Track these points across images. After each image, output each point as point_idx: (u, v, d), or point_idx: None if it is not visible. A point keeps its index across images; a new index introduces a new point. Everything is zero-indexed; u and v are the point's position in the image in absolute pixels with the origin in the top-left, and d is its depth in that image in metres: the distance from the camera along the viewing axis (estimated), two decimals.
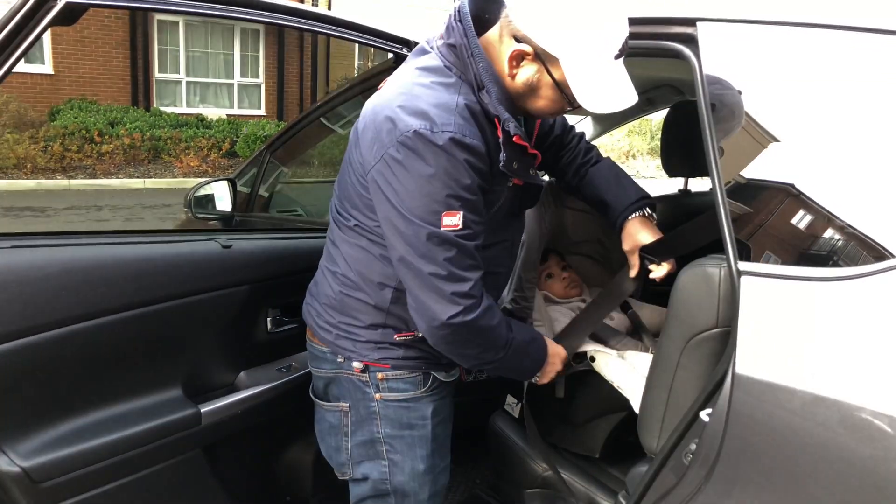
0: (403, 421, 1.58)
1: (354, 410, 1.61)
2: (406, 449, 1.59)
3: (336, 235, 1.58)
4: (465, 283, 1.35)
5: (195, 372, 1.85)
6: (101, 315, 1.59)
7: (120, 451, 1.64)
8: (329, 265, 1.61)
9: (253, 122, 13.37)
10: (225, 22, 13.70)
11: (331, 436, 1.68)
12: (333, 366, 1.61)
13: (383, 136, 1.33)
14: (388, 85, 1.45)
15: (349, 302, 1.55)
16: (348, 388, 1.61)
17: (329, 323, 1.59)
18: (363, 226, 1.49)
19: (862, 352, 1.03)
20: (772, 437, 1.10)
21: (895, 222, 1.08)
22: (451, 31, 1.40)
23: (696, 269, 1.33)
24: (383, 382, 1.56)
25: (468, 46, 1.37)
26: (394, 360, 1.55)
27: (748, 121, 1.28)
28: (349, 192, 1.50)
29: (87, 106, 11.97)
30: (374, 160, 1.36)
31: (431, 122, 1.30)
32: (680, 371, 1.37)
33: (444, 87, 1.37)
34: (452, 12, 1.41)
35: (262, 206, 3.15)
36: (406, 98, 1.34)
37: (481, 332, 1.41)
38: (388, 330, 1.54)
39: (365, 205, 1.46)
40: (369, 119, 1.39)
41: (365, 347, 1.55)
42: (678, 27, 1.43)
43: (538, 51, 1.33)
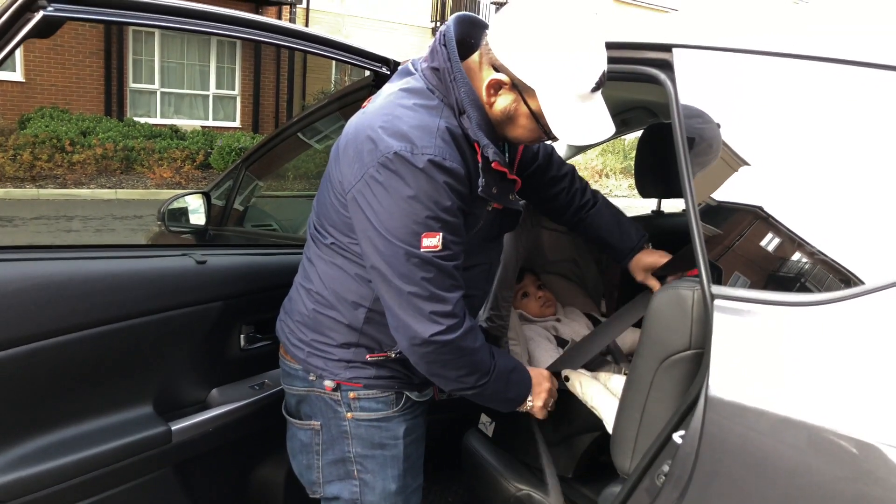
0: (375, 440, 1.57)
1: (326, 429, 1.60)
2: (377, 469, 1.58)
3: (312, 252, 1.58)
4: (445, 303, 1.36)
5: (166, 389, 1.82)
6: (72, 331, 1.57)
7: (88, 469, 1.61)
8: (304, 282, 1.60)
9: (228, 134, 13.29)
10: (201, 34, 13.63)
11: (302, 454, 1.67)
12: (305, 384, 1.60)
13: (364, 156, 1.34)
14: (371, 104, 1.45)
15: (322, 320, 1.54)
16: (320, 407, 1.60)
17: (301, 340, 1.58)
18: (339, 243, 1.48)
19: (831, 375, 1.05)
20: (743, 458, 1.11)
21: (863, 249, 1.11)
22: (435, 54, 1.41)
23: (670, 292, 1.35)
24: (355, 402, 1.55)
25: (451, 71, 1.38)
26: (366, 380, 1.54)
27: (723, 146, 1.30)
28: (327, 210, 1.50)
29: (58, 115, 11.81)
30: (355, 180, 1.36)
31: (412, 144, 1.30)
32: (653, 392, 1.38)
33: (426, 109, 1.38)
34: (438, 36, 1.42)
35: (237, 220, 3.14)
36: (387, 119, 1.34)
37: (463, 353, 1.41)
38: (361, 349, 1.53)
39: (343, 222, 1.45)
40: (351, 137, 1.39)
41: (337, 366, 1.54)
42: (654, 52, 1.46)
43: (515, 81, 1.34)
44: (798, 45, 1.25)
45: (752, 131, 1.28)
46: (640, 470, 1.32)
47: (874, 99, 1.14)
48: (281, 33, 1.83)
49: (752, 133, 1.28)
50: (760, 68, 1.28)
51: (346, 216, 1.43)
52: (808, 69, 1.22)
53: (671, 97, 1.37)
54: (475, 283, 1.59)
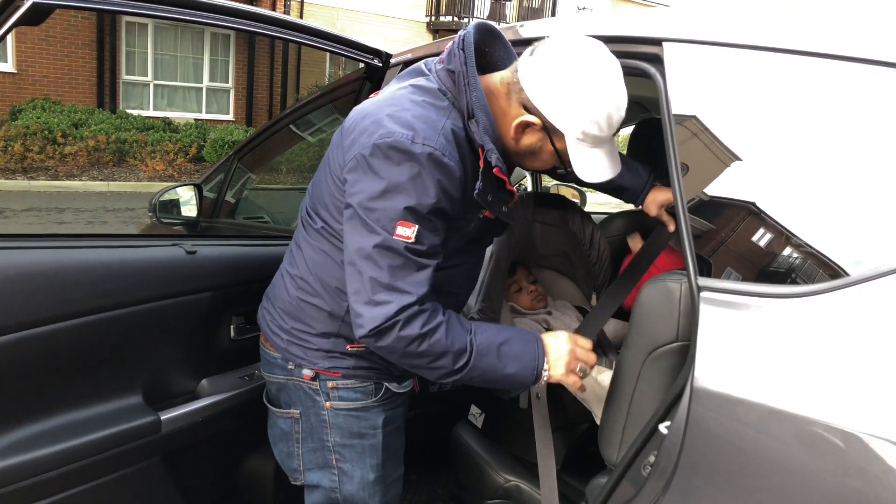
0: (353, 430, 1.58)
1: (305, 418, 1.62)
2: (356, 458, 1.59)
3: (301, 237, 1.59)
4: (403, 295, 1.31)
5: (156, 378, 1.82)
6: (62, 319, 1.56)
7: (76, 458, 1.61)
8: (289, 268, 1.60)
9: (221, 126, 13.24)
10: (195, 26, 13.59)
11: (282, 441, 1.69)
12: (284, 372, 1.61)
13: (364, 138, 1.34)
14: (380, 95, 1.47)
15: (304, 307, 1.55)
16: (299, 396, 1.61)
17: (281, 328, 1.59)
18: (329, 228, 1.48)
19: (814, 366, 1.06)
20: (728, 449, 1.12)
21: (848, 242, 1.12)
22: (452, 57, 1.42)
23: (658, 284, 1.36)
24: (333, 391, 1.56)
25: (466, 75, 1.39)
26: (344, 370, 1.55)
27: (711, 139, 1.31)
28: (321, 193, 1.50)
29: (50, 106, 11.74)
30: (349, 158, 1.37)
31: (414, 133, 1.31)
32: (640, 384, 1.39)
33: (434, 108, 1.39)
34: (456, 39, 1.43)
35: (229, 212, 3.13)
36: (395, 108, 1.36)
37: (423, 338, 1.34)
38: (340, 339, 1.53)
39: (335, 206, 1.46)
40: (356, 122, 1.40)
41: (316, 355, 1.55)
42: (644, 46, 1.46)
43: (546, 123, 1.38)
44: (788, 41, 1.25)
45: (741, 125, 1.29)
46: (627, 461, 1.33)
47: (864, 94, 1.15)
48: (274, 24, 1.83)
49: (741, 127, 1.29)
50: (750, 63, 1.28)
51: (340, 200, 1.43)
52: (797, 64, 1.23)
53: (661, 91, 1.38)
54: (458, 282, 1.59)
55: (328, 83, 13.84)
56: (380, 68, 2.10)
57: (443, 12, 18.54)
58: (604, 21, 1.68)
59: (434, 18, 18.50)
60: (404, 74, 1.54)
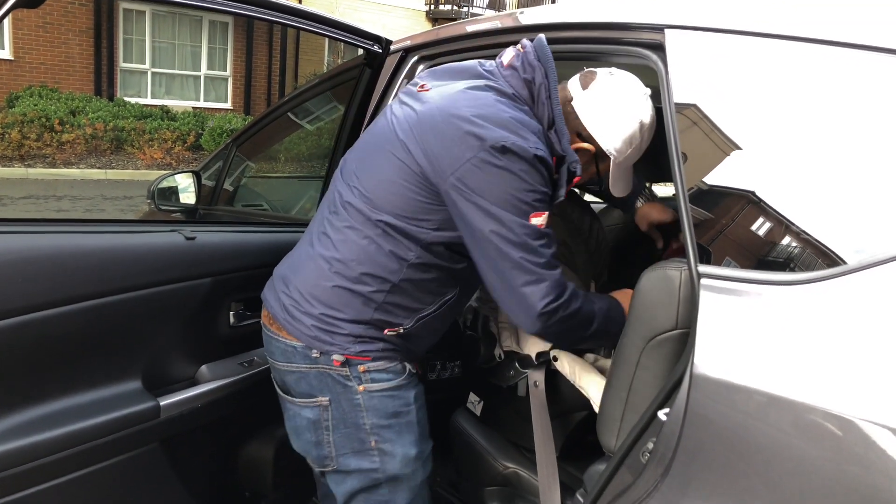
0: (389, 410, 1.58)
1: (336, 404, 1.59)
2: (395, 437, 1.60)
3: (341, 224, 1.56)
4: (554, 269, 1.44)
5: (155, 364, 1.83)
6: (60, 304, 1.56)
7: (75, 443, 1.61)
8: (323, 251, 1.57)
9: (219, 115, 13.22)
10: (193, 13, 13.53)
11: (309, 431, 1.64)
12: (307, 360, 1.58)
13: (471, 141, 1.39)
14: (451, 94, 1.49)
15: (340, 293, 1.53)
16: (326, 383, 1.58)
17: (308, 313, 1.55)
18: (388, 222, 1.49)
19: (814, 354, 1.06)
20: (727, 436, 1.13)
21: (847, 230, 1.12)
22: (528, 67, 1.51)
23: (658, 272, 1.36)
24: (365, 374, 1.55)
25: (548, 88, 1.50)
26: (374, 353, 1.55)
27: (712, 128, 1.31)
28: (382, 189, 1.50)
29: (47, 93, 11.71)
30: (458, 164, 1.40)
31: (520, 136, 1.40)
32: (640, 371, 1.39)
33: (522, 112, 1.48)
34: (529, 48, 1.53)
35: (227, 199, 3.13)
36: (487, 109, 1.43)
37: (577, 313, 1.49)
38: (372, 325, 1.54)
39: (409, 204, 1.47)
40: (440, 124, 1.43)
41: (345, 340, 1.54)
42: (646, 33, 1.46)
43: (598, 149, 1.58)
44: (790, 28, 1.25)
45: (742, 114, 1.29)
46: (626, 448, 1.33)
47: (868, 83, 1.14)
48: (274, 9, 1.82)
49: (742, 116, 1.29)
50: (753, 50, 1.28)
51: (420, 198, 1.46)
52: (799, 51, 1.22)
53: (663, 79, 1.38)
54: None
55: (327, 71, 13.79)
56: (379, 55, 2.10)
57: (442, 1, 18.48)
58: (605, 8, 1.67)
59: (433, 7, 18.45)
60: (453, 73, 1.58)
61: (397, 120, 1.52)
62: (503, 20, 1.91)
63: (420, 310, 1.57)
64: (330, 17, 1.93)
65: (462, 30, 2.00)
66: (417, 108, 1.50)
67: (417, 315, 1.57)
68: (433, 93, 1.52)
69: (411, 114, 1.50)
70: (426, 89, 1.55)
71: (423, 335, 1.63)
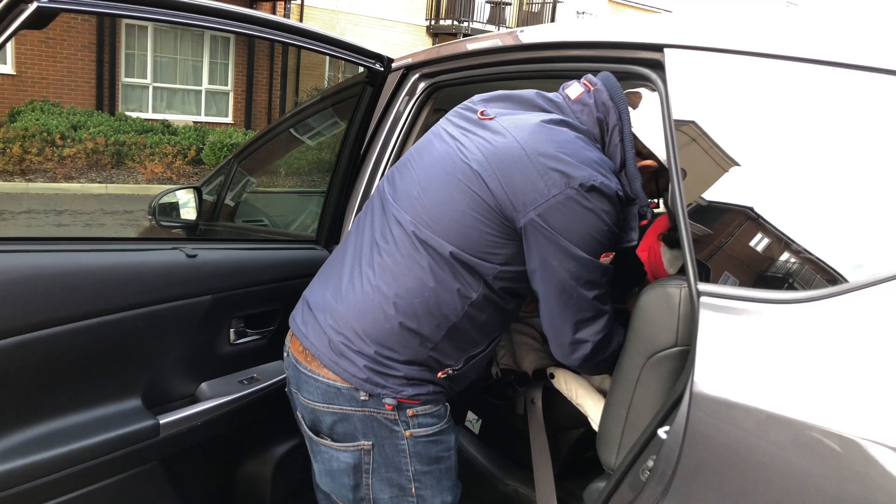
0: (432, 455, 1.54)
1: (379, 448, 1.51)
2: (435, 483, 1.55)
3: (401, 253, 1.47)
4: (608, 304, 1.48)
5: (155, 382, 1.82)
6: (61, 323, 1.56)
7: (75, 462, 1.61)
8: (382, 284, 1.46)
9: (220, 129, 13.26)
10: (194, 29, 13.60)
11: (346, 476, 1.55)
12: (353, 403, 1.48)
13: (556, 178, 1.36)
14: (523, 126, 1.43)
15: (400, 332, 1.45)
16: (371, 426, 1.50)
17: (362, 352, 1.46)
18: (457, 255, 1.43)
19: (815, 372, 1.07)
20: (727, 454, 1.13)
21: (847, 248, 1.12)
22: (601, 105, 1.49)
23: (658, 289, 1.36)
24: (413, 419, 1.49)
25: (622, 132, 1.49)
26: (424, 396, 1.50)
27: (711, 145, 1.31)
28: (453, 220, 1.43)
29: (49, 108, 11.75)
30: (541, 200, 1.37)
31: (604, 175, 1.39)
32: (639, 388, 1.39)
33: (597, 151, 1.46)
34: (599, 86, 1.51)
35: (228, 215, 3.13)
36: (571, 147, 1.40)
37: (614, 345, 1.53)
38: (425, 366, 1.48)
39: (482, 239, 1.42)
40: (524, 158, 1.38)
41: (398, 383, 1.46)
42: (645, 52, 1.47)
43: (660, 165, 1.53)
44: (789, 47, 1.26)
45: (741, 131, 1.30)
46: (626, 465, 1.33)
47: (865, 101, 1.15)
48: (274, 28, 1.83)
49: (741, 133, 1.30)
50: (751, 69, 1.29)
51: (491, 232, 1.42)
52: (799, 70, 1.23)
53: (662, 97, 1.39)
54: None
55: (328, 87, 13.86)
56: (381, 73, 2.11)
57: (443, 16, 18.60)
58: (604, 27, 1.68)
59: (434, 22, 18.55)
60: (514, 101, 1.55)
61: (466, 149, 1.45)
62: (504, 39, 1.92)
63: (471, 351, 1.53)
64: (331, 36, 1.94)
65: (463, 48, 2.01)
66: (492, 140, 1.43)
67: (467, 355, 1.53)
68: (505, 123, 1.45)
69: (485, 145, 1.43)
70: (490, 117, 1.48)
71: (468, 376, 1.58)
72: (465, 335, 1.49)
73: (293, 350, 1.60)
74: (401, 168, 1.59)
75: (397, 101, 2.15)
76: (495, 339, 1.58)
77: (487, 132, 1.45)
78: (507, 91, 1.57)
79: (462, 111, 1.57)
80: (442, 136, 1.54)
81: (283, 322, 2.06)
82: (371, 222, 1.57)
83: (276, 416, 2.02)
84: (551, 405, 1.89)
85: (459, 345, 1.50)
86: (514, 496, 1.94)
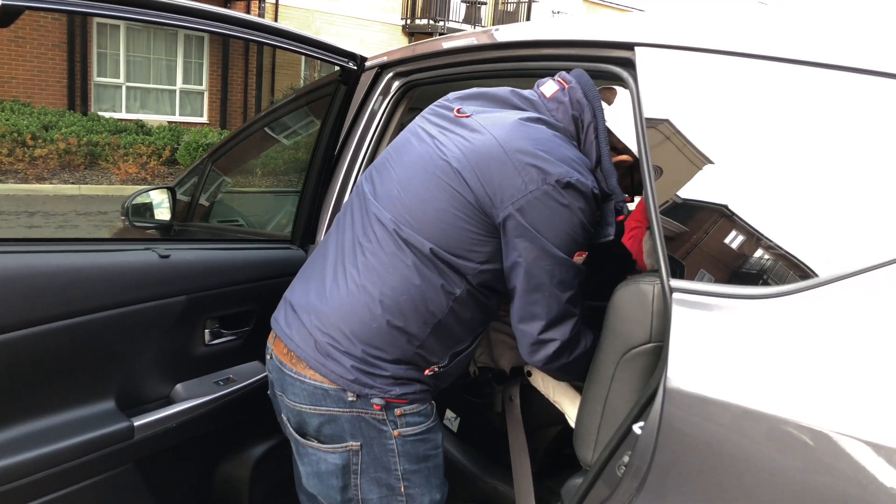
0: (420, 454, 1.54)
1: (367, 449, 1.51)
2: (423, 482, 1.56)
3: (384, 251, 1.46)
4: (579, 307, 1.49)
5: (129, 384, 1.80)
6: (31, 325, 1.54)
7: (48, 465, 1.58)
8: (369, 285, 1.46)
9: (195, 129, 13.14)
10: (167, 28, 13.45)
11: (335, 477, 1.54)
12: (340, 404, 1.47)
13: (534, 174, 1.37)
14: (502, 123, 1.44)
15: (388, 331, 1.45)
16: (359, 427, 1.49)
17: (349, 353, 1.45)
18: (438, 254, 1.43)
19: (786, 366, 1.08)
20: (701, 449, 1.14)
21: (817, 244, 1.14)
22: (576, 103, 1.51)
23: (631, 286, 1.37)
24: (401, 418, 1.50)
25: (597, 129, 1.51)
26: (411, 395, 1.50)
27: (683, 143, 1.33)
28: (434, 217, 1.44)
29: (19, 108, 11.56)
30: (518, 195, 1.38)
31: (580, 173, 1.40)
32: (615, 385, 1.40)
33: (573, 148, 1.48)
34: (574, 83, 1.53)
35: (203, 215, 3.11)
36: (548, 144, 1.41)
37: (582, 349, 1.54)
38: (412, 366, 1.49)
39: (464, 237, 1.43)
40: (502, 155, 1.39)
41: (386, 383, 1.46)
42: (617, 51, 1.48)
43: (635, 160, 1.54)
44: (759, 46, 1.27)
45: (713, 129, 1.31)
46: (602, 461, 1.34)
47: (835, 99, 1.17)
48: (248, 27, 1.82)
49: (713, 130, 1.31)
50: (722, 68, 1.30)
51: (472, 230, 1.42)
52: (768, 69, 1.25)
53: (633, 95, 1.40)
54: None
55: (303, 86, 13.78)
56: (354, 71, 2.10)
57: (418, 15, 18.58)
58: (577, 25, 1.69)
59: (409, 21, 18.53)
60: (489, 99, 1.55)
61: (445, 147, 1.46)
62: (479, 37, 1.93)
63: (456, 347, 1.54)
64: (304, 35, 1.93)
65: (438, 46, 2.01)
66: (471, 137, 1.44)
67: (452, 352, 1.53)
68: (483, 120, 1.46)
69: (464, 143, 1.44)
70: (466, 115, 1.49)
71: (453, 373, 1.59)
72: (451, 331, 1.50)
73: (277, 352, 1.59)
74: (379, 167, 1.59)
75: (371, 100, 2.14)
76: (478, 335, 1.59)
77: (465, 130, 1.46)
78: (482, 89, 1.58)
79: (438, 108, 1.57)
80: (420, 134, 1.54)
81: (259, 322, 2.05)
82: (352, 222, 1.56)
83: (252, 416, 2.01)
84: (529, 403, 1.90)
85: (445, 341, 1.50)
86: (494, 494, 1.95)
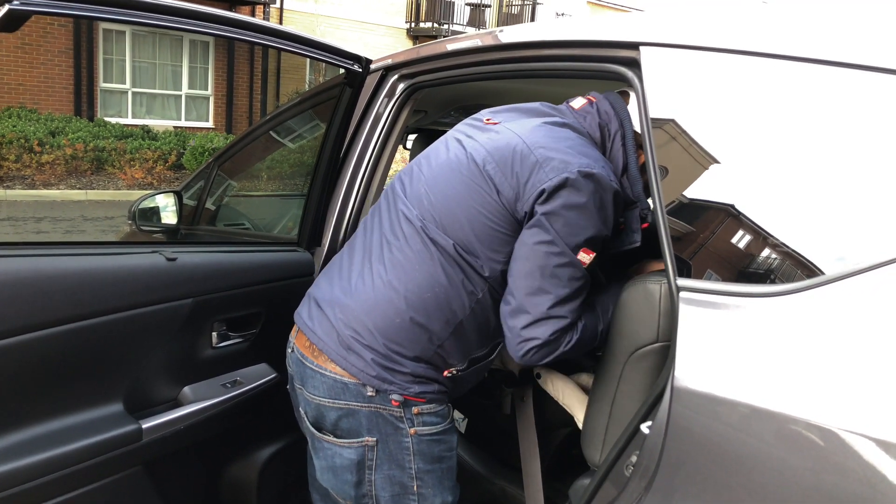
0: (434, 454, 1.54)
1: (383, 445, 1.52)
2: (436, 483, 1.56)
3: (411, 248, 1.49)
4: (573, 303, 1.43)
5: (137, 386, 1.81)
6: (40, 328, 1.55)
7: (56, 468, 1.59)
8: (395, 282, 1.48)
9: (201, 134, 13.18)
10: (173, 33, 13.52)
11: (349, 472, 1.55)
12: (359, 398, 1.49)
13: (556, 164, 1.39)
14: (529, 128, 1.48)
15: (410, 327, 1.46)
16: (376, 423, 1.50)
17: (371, 347, 1.47)
18: (462, 252, 1.46)
19: (794, 364, 1.08)
20: (709, 448, 1.13)
21: (825, 242, 1.14)
22: (604, 114, 1.55)
23: (638, 286, 1.37)
24: (418, 417, 1.50)
25: (624, 136, 1.53)
26: (429, 394, 1.51)
27: (689, 142, 1.32)
28: (460, 215, 1.46)
29: (26, 114, 11.62)
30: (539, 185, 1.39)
31: (604, 169, 1.41)
32: (622, 385, 1.40)
33: (597, 151, 1.49)
34: (601, 98, 1.58)
35: (209, 219, 3.12)
36: (570, 142, 1.44)
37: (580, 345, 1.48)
38: (430, 366, 1.50)
39: (484, 233, 1.44)
40: (524, 149, 1.43)
41: (405, 380, 1.47)
42: (622, 50, 1.48)
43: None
44: (764, 44, 1.27)
45: (719, 128, 1.31)
46: (610, 461, 1.34)
47: (842, 97, 1.16)
48: (253, 30, 1.82)
49: (719, 130, 1.31)
50: (727, 66, 1.30)
51: (496, 228, 1.44)
52: (773, 67, 1.24)
53: (638, 95, 1.40)
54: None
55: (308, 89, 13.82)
56: (360, 74, 2.11)
57: (422, 18, 18.61)
58: (582, 26, 1.69)
59: (414, 24, 18.56)
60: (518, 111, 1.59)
61: (471, 147, 1.50)
62: (483, 39, 1.93)
63: (475, 353, 1.55)
64: (309, 38, 1.94)
65: (443, 48, 2.01)
66: (495, 137, 1.49)
67: (472, 356, 1.55)
68: (509, 125, 1.51)
69: (488, 141, 1.48)
70: (495, 122, 1.55)
71: (469, 380, 1.60)
72: (470, 335, 1.51)
73: (298, 345, 1.61)
74: (409, 172, 1.63)
75: (377, 103, 2.14)
76: (497, 346, 1.60)
77: (491, 133, 1.52)
78: (513, 105, 1.64)
79: (470, 120, 1.64)
80: (449, 143, 1.59)
81: (266, 325, 2.05)
82: (380, 222, 1.60)
83: (260, 419, 2.01)
84: (538, 404, 1.90)
85: (464, 345, 1.51)
86: (501, 495, 1.95)
